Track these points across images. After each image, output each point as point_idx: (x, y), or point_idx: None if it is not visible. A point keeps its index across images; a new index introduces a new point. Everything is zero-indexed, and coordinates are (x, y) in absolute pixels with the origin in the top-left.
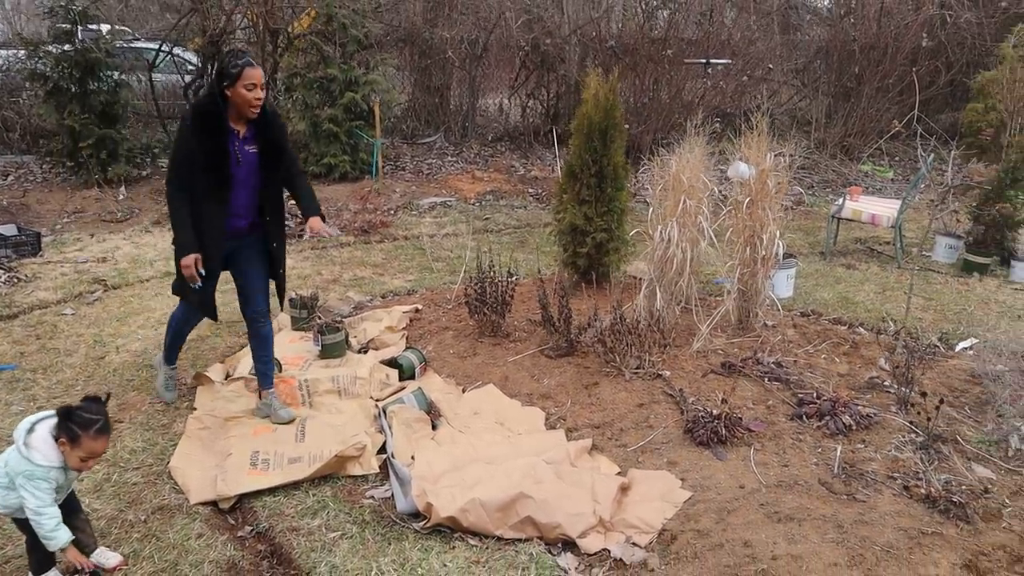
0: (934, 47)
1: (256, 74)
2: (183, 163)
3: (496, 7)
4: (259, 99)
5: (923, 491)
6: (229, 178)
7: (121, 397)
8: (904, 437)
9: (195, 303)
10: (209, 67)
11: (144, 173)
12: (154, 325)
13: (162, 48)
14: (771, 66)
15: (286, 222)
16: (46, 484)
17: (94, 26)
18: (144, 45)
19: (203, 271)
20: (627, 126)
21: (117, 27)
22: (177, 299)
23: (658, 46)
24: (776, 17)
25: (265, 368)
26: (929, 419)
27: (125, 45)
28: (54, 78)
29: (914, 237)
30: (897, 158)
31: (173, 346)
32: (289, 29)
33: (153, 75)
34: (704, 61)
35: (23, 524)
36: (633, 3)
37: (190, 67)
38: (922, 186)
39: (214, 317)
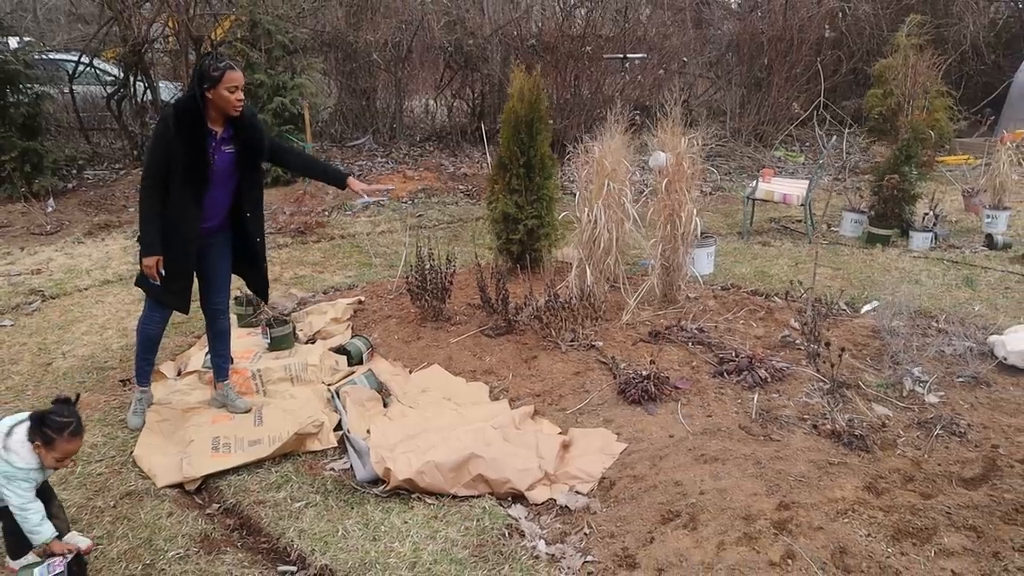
0: (836, 37)
1: (237, 76)
2: (160, 163)
3: (418, 9)
4: (241, 100)
5: (829, 428)
6: (207, 178)
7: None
8: (813, 385)
9: (168, 301)
10: (131, 77)
11: (71, 185)
12: (98, 331)
13: (81, 60)
14: (685, 59)
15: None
16: (26, 484)
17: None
18: (61, 57)
19: (163, 271)
20: (551, 121)
21: (26, 39)
22: (127, 310)
23: (577, 43)
24: (689, 12)
25: (221, 361)
26: (832, 366)
27: (43, 56)
28: None
29: (822, 215)
30: (808, 143)
31: (145, 356)
32: (212, 36)
33: (73, 87)
34: (621, 56)
35: (2, 512)
36: (552, 2)
37: (109, 77)
38: (822, 163)
39: (186, 311)
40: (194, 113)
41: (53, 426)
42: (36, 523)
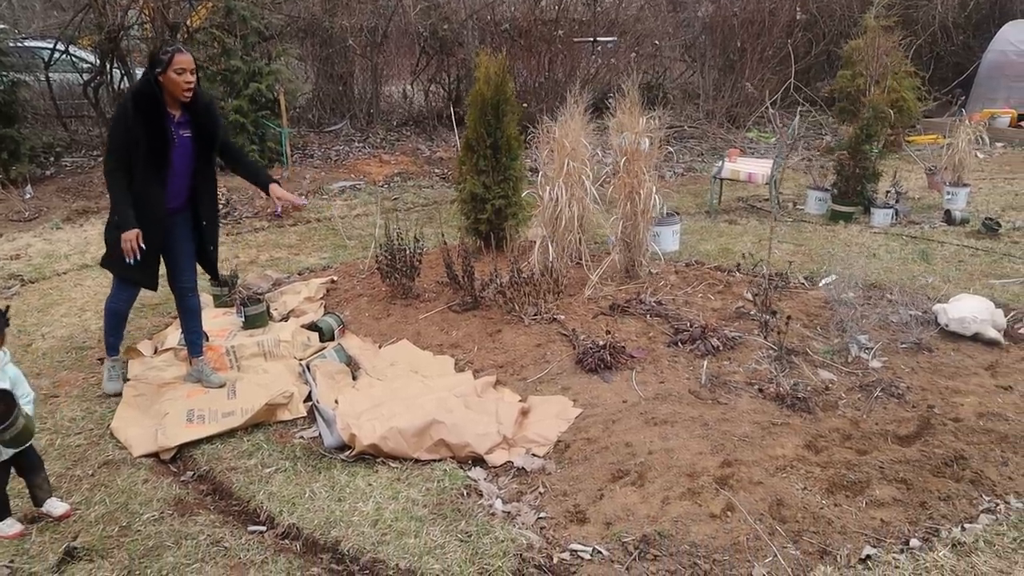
0: (808, 20)
1: (185, 59)
2: (122, 146)
3: None
4: (189, 83)
5: (774, 392)
6: (168, 157)
7: (54, 376)
8: (763, 353)
9: (138, 279)
10: (107, 64)
11: (48, 172)
12: (77, 313)
13: (56, 47)
14: (657, 42)
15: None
16: None
17: None
18: (37, 44)
19: (143, 246)
20: (525, 104)
21: (0, 26)
22: (106, 293)
23: (550, 27)
24: None
25: (194, 338)
26: (780, 333)
27: (18, 44)
28: None
29: (791, 194)
30: (783, 125)
31: (114, 331)
32: (188, 23)
33: (50, 74)
34: (591, 40)
35: None
36: None
37: (86, 65)
38: (777, 141)
39: (154, 287)
40: (151, 96)
41: None
42: None
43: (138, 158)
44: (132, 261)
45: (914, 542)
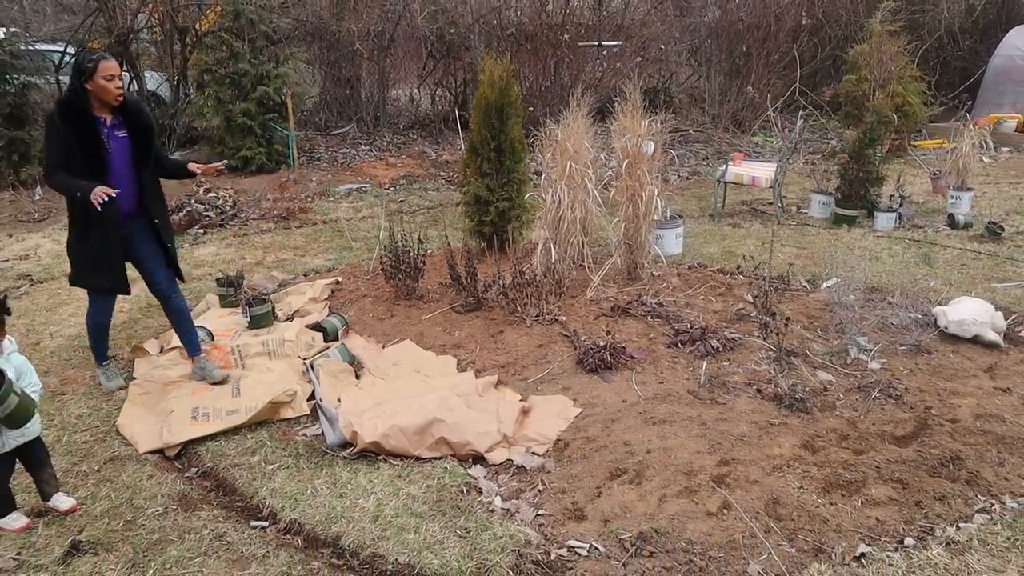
0: (814, 25)
1: (111, 65)
2: (57, 152)
3: None
4: (119, 88)
5: (772, 392)
6: (105, 162)
7: (61, 374)
8: (763, 354)
9: (108, 286)
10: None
11: None
12: (84, 312)
13: (67, 50)
14: (662, 46)
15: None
16: None
17: None
18: (47, 47)
19: (113, 194)
20: (531, 108)
21: (12, 29)
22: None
23: (556, 31)
24: (671, 1)
25: (189, 337)
26: (779, 335)
27: (29, 47)
28: None
29: (794, 198)
30: (787, 129)
31: (99, 342)
32: (196, 26)
33: (60, 77)
34: (596, 44)
35: None
36: None
37: None
38: (780, 144)
39: (127, 291)
40: (77, 105)
41: None
42: None
43: (77, 170)
44: (103, 200)
45: (908, 540)
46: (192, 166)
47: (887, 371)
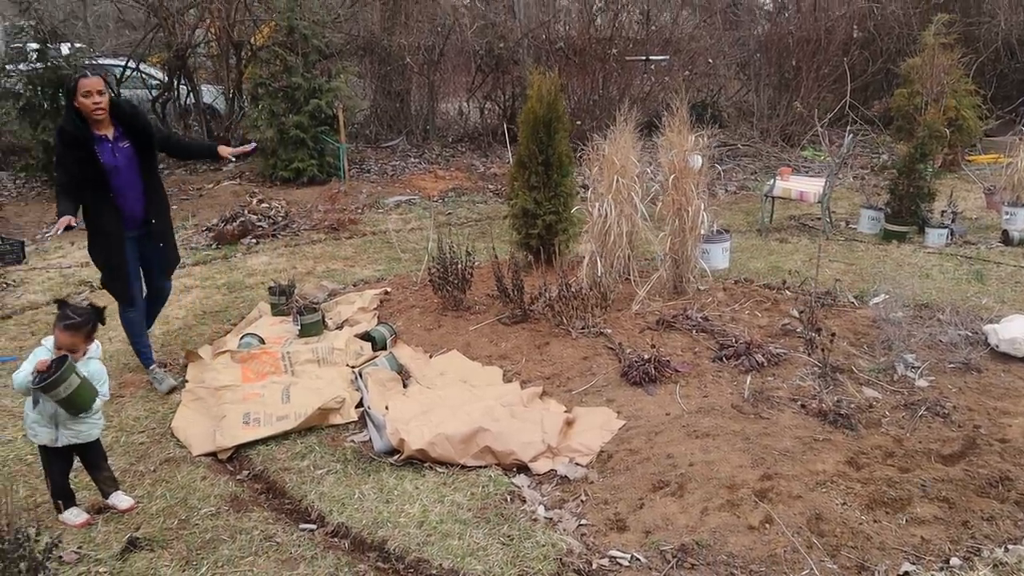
0: (865, 38)
1: (88, 83)
2: (63, 173)
3: (451, 14)
4: (97, 103)
5: (817, 408)
6: (104, 175)
7: (120, 378)
8: (808, 370)
9: (115, 293)
10: (175, 81)
11: None
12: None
13: (128, 64)
14: (711, 60)
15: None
16: (40, 349)
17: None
18: (109, 62)
19: (73, 226)
20: (579, 122)
21: (77, 45)
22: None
23: (604, 45)
24: (720, 15)
25: (142, 347)
26: (824, 350)
27: (92, 62)
28: (26, 95)
29: (843, 213)
30: (836, 144)
31: (139, 337)
32: (252, 41)
33: (121, 90)
34: (644, 58)
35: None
36: (580, 6)
37: (154, 81)
38: (828, 158)
39: (129, 303)
40: (72, 128)
41: (58, 315)
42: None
43: (85, 189)
44: (59, 231)
45: (954, 561)
46: (223, 150)
47: (935, 389)
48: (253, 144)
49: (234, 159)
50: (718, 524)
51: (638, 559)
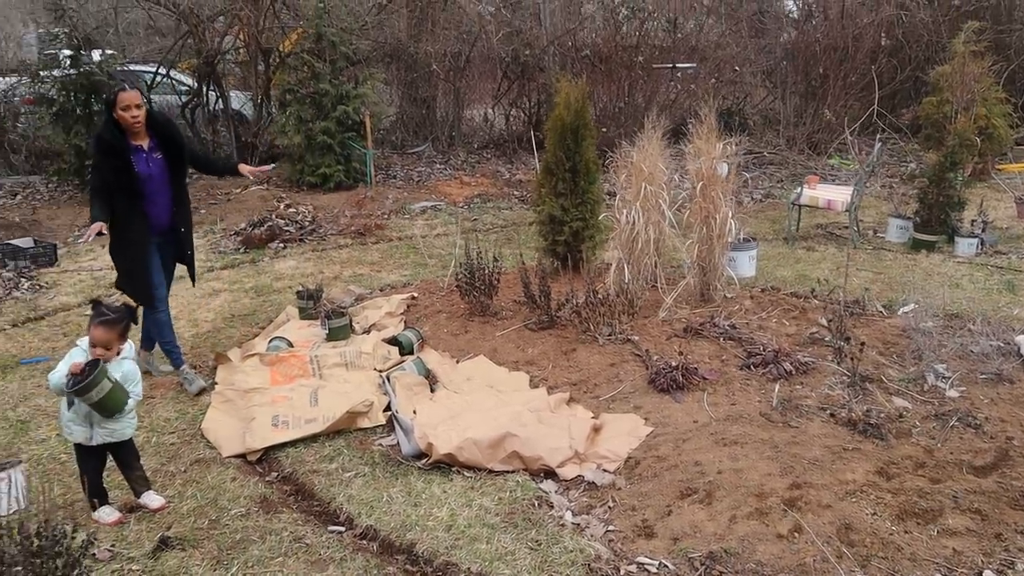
0: (893, 45)
1: (127, 97)
2: (98, 179)
3: (477, 21)
4: (135, 116)
5: (846, 417)
6: (137, 184)
7: (151, 379)
8: (836, 379)
9: (137, 295)
10: (204, 87)
11: None
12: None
13: (158, 71)
14: (737, 68)
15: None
16: (76, 351)
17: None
18: (140, 68)
19: (104, 232)
20: (605, 129)
21: (108, 52)
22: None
23: (630, 53)
24: (746, 23)
25: (171, 348)
26: (852, 359)
27: (124, 68)
28: (60, 101)
29: (871, 222)
30: (864, 152)
31: (167, 335)
32: (280, 48)
33: (151, 95)
34: (671, 66)
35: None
36: (606, 13)
37: (184, 87)
38: (856, 166)
39: (149, 305)
40: (110, 137)
41: (93, 313)
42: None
43: (119, 197)
44: (90, 237)
45: (987, 573)
46: (243, 168)
47: (966, 399)
48: (272, 165)
49: (252, 178)
50: (746, 532)
51: (666, 566)
